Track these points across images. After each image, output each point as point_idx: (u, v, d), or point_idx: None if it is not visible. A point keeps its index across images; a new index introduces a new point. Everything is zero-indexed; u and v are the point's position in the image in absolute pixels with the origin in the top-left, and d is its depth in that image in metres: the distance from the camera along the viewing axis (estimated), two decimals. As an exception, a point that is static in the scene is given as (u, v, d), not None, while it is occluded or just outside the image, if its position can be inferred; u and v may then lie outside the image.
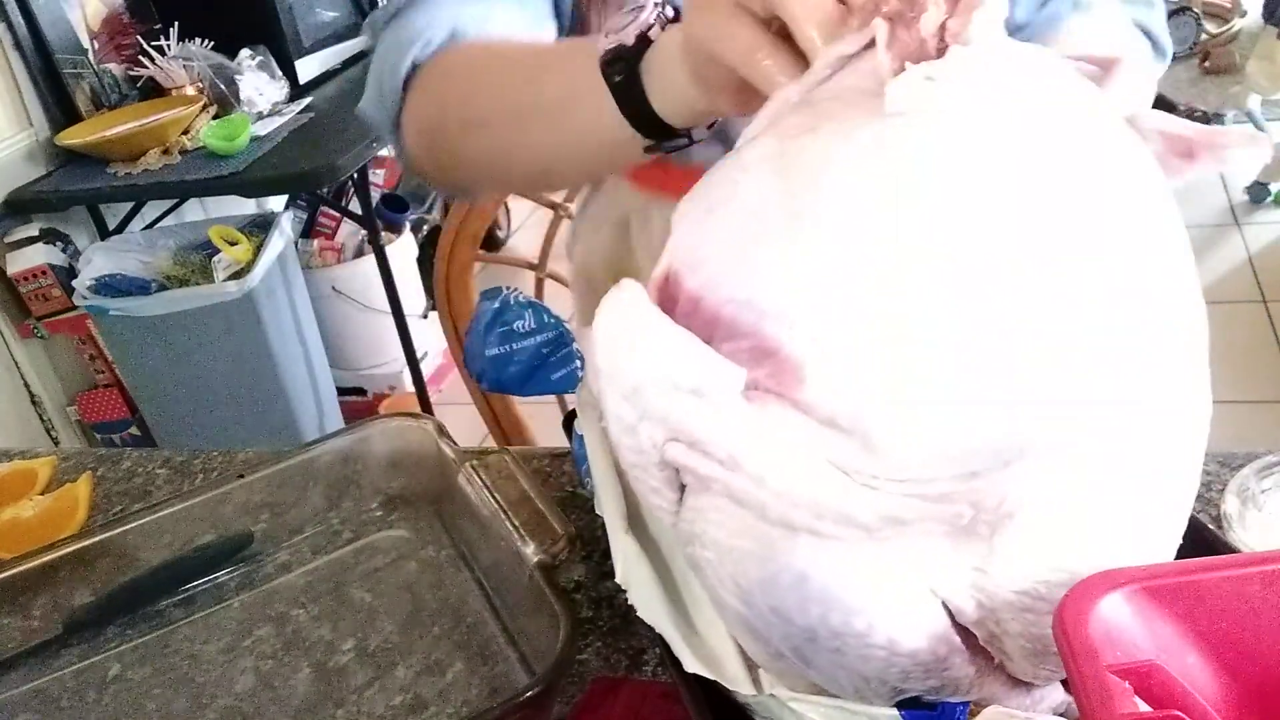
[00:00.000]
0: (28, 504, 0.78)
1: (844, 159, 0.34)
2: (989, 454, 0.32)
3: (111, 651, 0.65)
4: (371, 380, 2.49)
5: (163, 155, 1.94)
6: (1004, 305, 0.32)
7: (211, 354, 1.91)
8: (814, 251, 0.33)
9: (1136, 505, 0.35)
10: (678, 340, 0.34)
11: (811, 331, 0.33)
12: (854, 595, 0.34)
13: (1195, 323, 0.36)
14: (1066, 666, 0.31)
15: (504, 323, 0.68)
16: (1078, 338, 0.32)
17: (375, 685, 0.59)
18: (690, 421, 0.33)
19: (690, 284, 0.36)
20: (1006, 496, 0.33)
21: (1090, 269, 0.33)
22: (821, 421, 0.33)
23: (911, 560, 0.34)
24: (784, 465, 0.33)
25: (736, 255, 0.35)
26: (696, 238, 0.37)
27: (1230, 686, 0.32)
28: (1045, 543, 0.34)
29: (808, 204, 0.34)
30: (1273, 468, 0.55)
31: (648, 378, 0.34)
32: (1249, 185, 2.91)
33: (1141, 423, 0.34)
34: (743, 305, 0.34)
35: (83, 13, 2.09)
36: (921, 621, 0.36)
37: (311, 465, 0.71)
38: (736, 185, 0.37)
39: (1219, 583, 0.32)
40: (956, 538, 0.35)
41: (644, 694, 0.51)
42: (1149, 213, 0.36)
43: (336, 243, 2.39)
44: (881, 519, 0.32)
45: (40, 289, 1.92)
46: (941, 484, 0.33)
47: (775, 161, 0.36)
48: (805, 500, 0.32)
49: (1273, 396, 2.18)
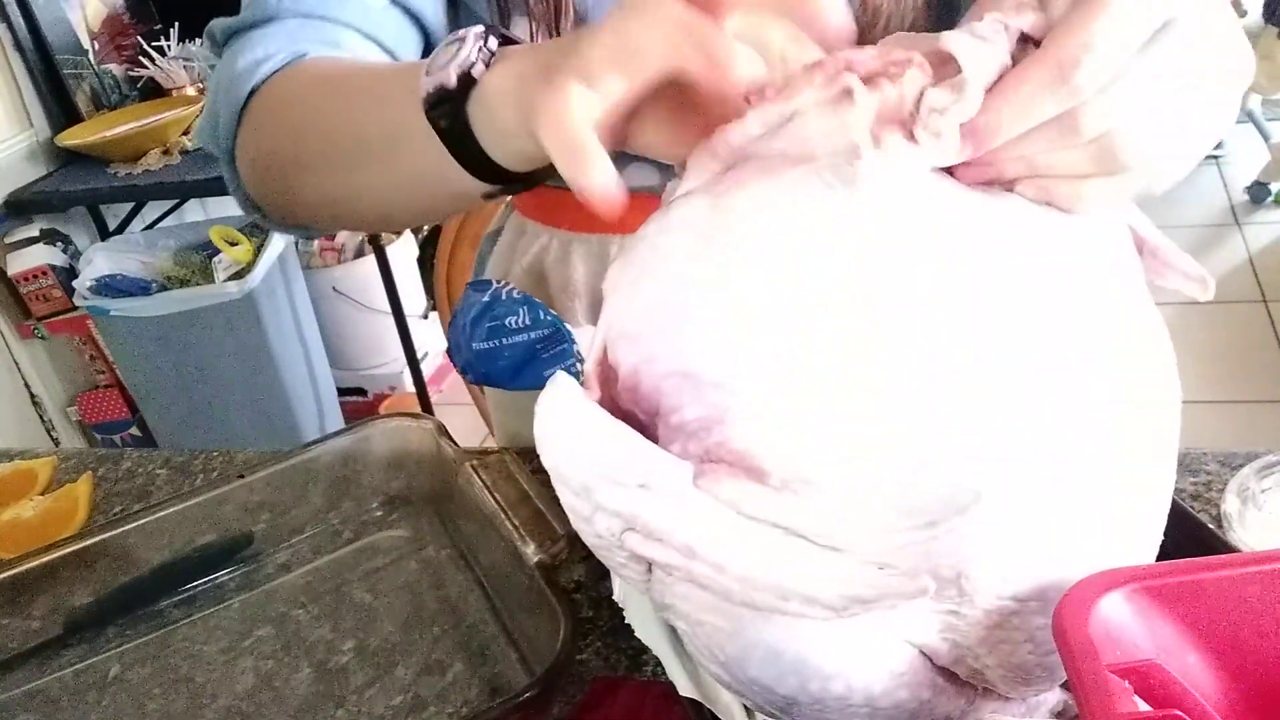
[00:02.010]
0: (28, 504, 0.78)
1: (778, 220, 0.33)
2: (943, 503, 0.32)
3: (112, 652, 0.65)
4: (372, 380, 2.49)
5: (163, 156, 1.95)
6: (944, 356, 0.32)
7: (212, 354, 1.91)
8: (746, 316, 0.33)
9: (1099, 524, 0.35)
10: (617, 436, 0.33)
11: (754, 397, 0.32)
12: (829, 662, 0.34)
13: (1137, 349, 0.36)
14: (1066, 666, 0.31)
15: (494, 317, 0.66)
16: (1019, 380, 0.32)
17: (375, 685, 0.59)
18: (643, 514, 0.32)
19: (627, 360, 0.35)
20: (966, 541, 0.33)
21: (1022, 318, 0.33)
22: (776, 488, 0.33)
23: (883, 615, 0.34)
24: (742, 550, 0.32)
25: (668, 326, 0.34)
26: (627, 309, 0.36)
27: (1230, 686, 0.32)
28: (1012, 577, 0.34)
29: (736, 266, 0.33)
30: (1273, 467, 0.55)
31: (593, 477, 0.33)
32: (1249, 185, 2.91)
33: (1094, 451, 0.34)
34: (682, 378, 0.33)
35: (83, 13, 2.09)
36: (899, 673, 0.35)
37: (312, 465, 0.71)
38: (659, 250, 0.35)
39: (1219, 582, 0.32)
40: (933, 613, 0.35)
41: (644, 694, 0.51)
42: (1079, 273, 0.35)
43: (337, 243, 2.40)
44: (846, 599, 0.31)
45: (41, 289, 1.92)
46: (901, 536, 0.32)
47: (702, 223, 0.35)
48: (768, 585, 0.32)
49: (1273, 396, 2.18)
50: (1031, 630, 0.35)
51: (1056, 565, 0.34)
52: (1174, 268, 0.38)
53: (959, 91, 0.32)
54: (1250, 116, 3.01)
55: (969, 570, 0.33)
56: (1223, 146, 3.16)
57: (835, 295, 0.32)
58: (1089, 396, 0.33)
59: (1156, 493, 0.38)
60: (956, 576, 0.33)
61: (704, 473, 0.34)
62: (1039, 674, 0.37)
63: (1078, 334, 0.33)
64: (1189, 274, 0.38)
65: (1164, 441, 0.37)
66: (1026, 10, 0.32)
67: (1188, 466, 0.63)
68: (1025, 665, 0.36)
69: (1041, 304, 0.33)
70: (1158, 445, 0.37)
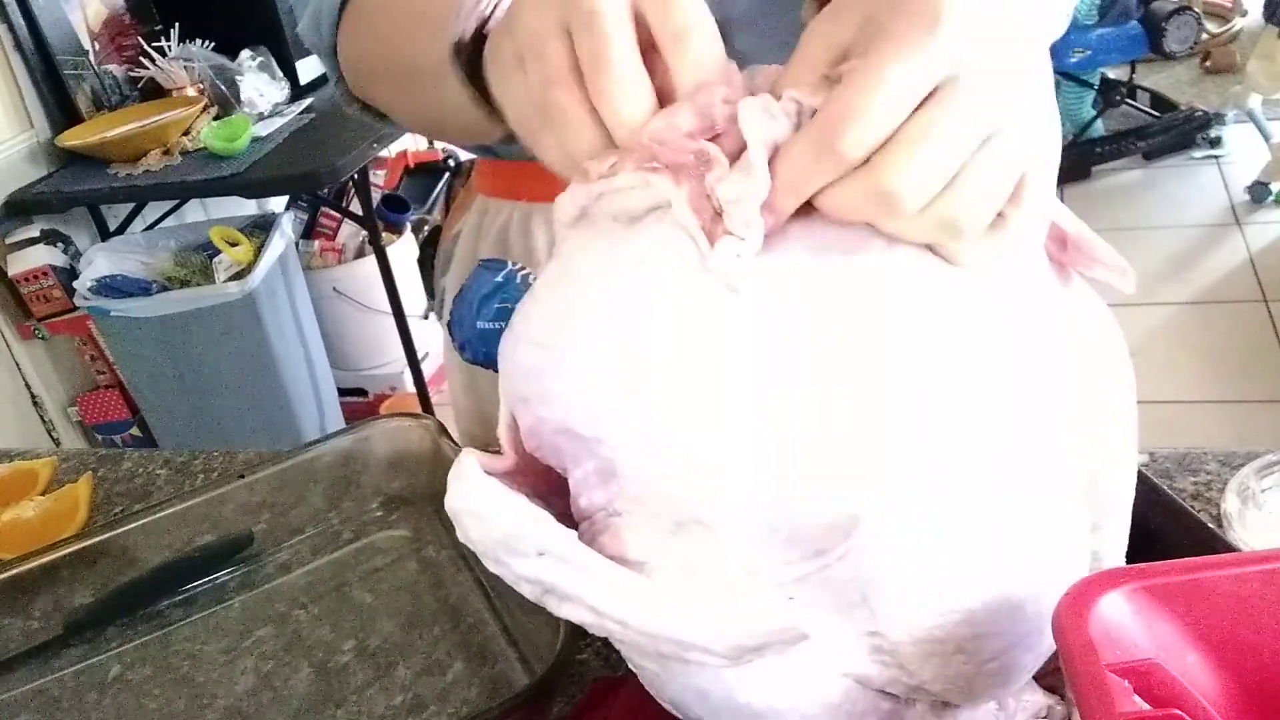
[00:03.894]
0: (28, 504, 0.78)
1: (618, 282, 0.34)
2: (824, 530, 0.33)
3: (112, 652, 0.65)
4: (372, 381, 2.49)
5: (163, 156, 1.95)
6: (808, 389, 0.32)
7: (212, 355, 1.91)
8: (605, 370, 0.34)
9: (1002, 538, 0.35)
10: (512, 508, 0.35)
11: (631, 447, 0.33)
12: (756, 698, 0.35)
13: (1027, 357, 0.35)
14: (1066, 666, 0.31)
15: (504, 299, 0.66)
16: (894, 403, 0.33)
17: (375, 685, 0.59)
18: (550, 579, 0.34)
19: (524, 421, 0.37)
20: (863, 565, 0.33)
21: (900, 339, 0.33)
22: (670, 530, 0.34)
23: (805, 647, 0.35)
24: (639, 606, 0.33)
25: (542, 388, 0.35)
26: (512, 373, 0.37)
27: (1230, 685, 0.32)
28: (920, 594, 0.34)
29: (584, 329, 0.34)
30: (1273, 467, 0.55)
31: (498, 548, 0.35)
32: (1250, 185, 2.91)
33: (983, 464, 0.34)
34: (569, 435, 0.35)
35: (83, 14, 2.09)
36: (834, 704, 0.36)
37: (312, 465, 0.71)
38: (527, 317, 0.37)
39: (1219, 581, 0.32)
40: (839, 612, 0.35)
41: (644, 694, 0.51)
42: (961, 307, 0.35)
43: (337, 243, 2.40)
44: (736, 649, 0.32)
45: (41, 290, 1.92)
46: (795, 568, 0.33)
47: (554, 286, 0.36)
48: (666, 637, 0.33)
49: (1273, 396, 2.18)
50: (960, 641, 0.35)
51: (965, 578, 0.34)
52: (1098, 260, 0.38)
53: (747, 175, 0.32)
54: (1250, 116, 3.01)
55: (871, 592, 0.34)
56: (1223, 146, 3.16)
57: (690, 339, 0.33)
58: (971, 411, 0.33)
59: (1061, 501, 0.37)
60: (863, 599, 0.34)
61: (606, 528, 0.35)
62: (985, 683, 0.37)
63: (958, 353, 0.33)
64: (1110, 265, 0.38)
65: (1054, 447, 0.36)
66: (824, 90, 0.32)
67: (1188, 466, 0.63)
68: (965, 675, 0.36)
69: (919, 323, 0.33)
70: (1055, 452, 0.36)
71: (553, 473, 0.38)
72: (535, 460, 0.38)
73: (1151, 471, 0.60)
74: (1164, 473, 0.62)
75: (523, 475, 0.38)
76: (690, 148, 0.34)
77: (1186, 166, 3.18)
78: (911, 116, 0.31)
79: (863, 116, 0.31)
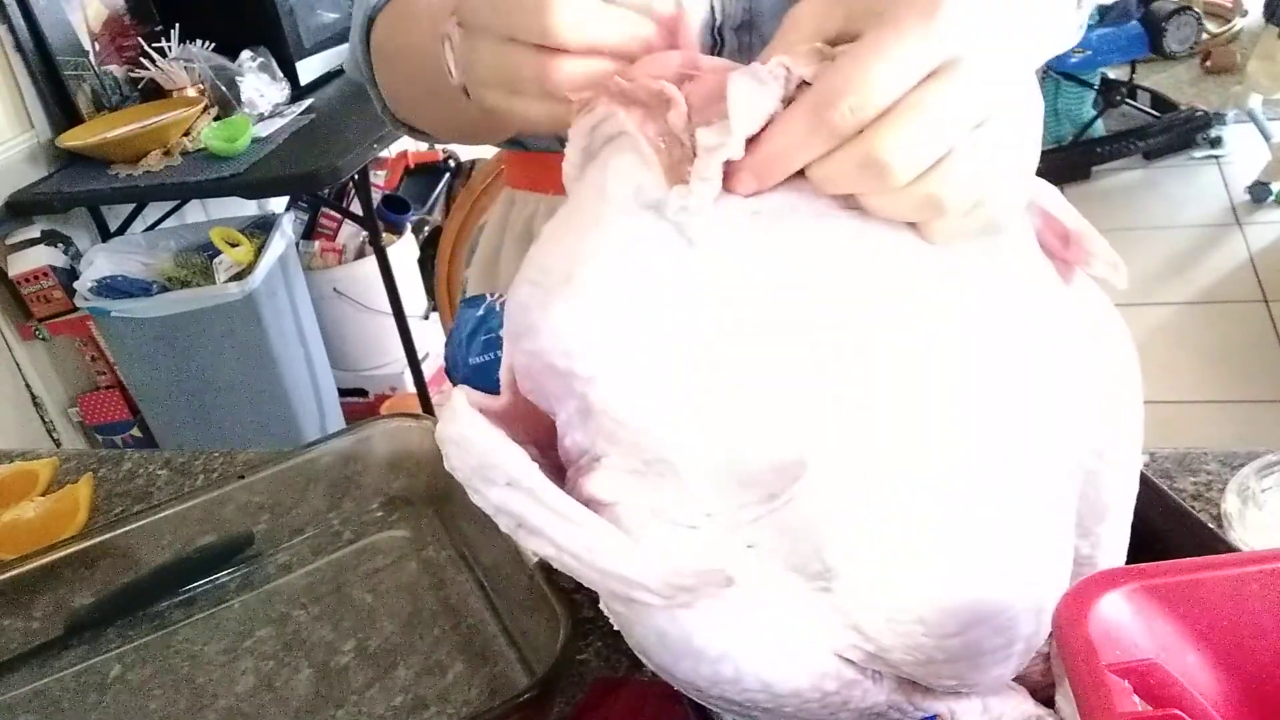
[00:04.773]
0: (29, 505, 0.78)
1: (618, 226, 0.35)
2: (775, 472, 0.34)
3: (112, 652, 0.65)
4: (373, 381, 2.49)
5: (164, 157, 1.95)
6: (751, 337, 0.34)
7: (213, 355, 1.91)
8: (576, 307, 0.35)
9: (954, 502, 0.35)
10: (489, 438, 0.36)
11: (601, 383, 0.35)
12: (712, 645, 0.36)
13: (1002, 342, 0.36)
14: (1066, 665, 0.31)
15: (488, 330, 0.67)
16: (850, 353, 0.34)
17: (376, 686, 0.59)
18: (519, 511, 0.36)
19: (518, 361, 0.38)
20: (815, 515, 0.34)
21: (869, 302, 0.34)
22: (639, 470, 0.35)
23: (761, 595, 0.36)
24: (590, 544, 0.35)
25: (532, 320, 0.36)
26: (514, 306, 0.38)
27: (1230, 685, 0.32)
28: (871, 548, 0.35)
29: (580, 265, 0.35)
30: (1273, 467, 0.55)
31: (474, 475, 0.36)
32: (1251, 185, 2.91)
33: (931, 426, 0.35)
34: (553, 372, 0.36)
35: (84, 14, 2.09)
36: (796, 662, 0.37)
37: (312, 466, 0.71)
38: (533, 251, 0.38)
39: (1219, 581, 0.32)
40: (795, 565, 0.36)
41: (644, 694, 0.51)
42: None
43: (338, 244, 2.39)
44: (671, 587, 0.34)
45: (42, 291, 1.92)
46: (749, 510, 0.35)
47: (554, 222, 0.38)
48: (613, 573, 0.34)
49: (1273, 396, 2.18)
50: (916, 610, 0.36)
51: (920, 539, 0.35)
52: (1096, 255, 0.38)
53: (725, 130, 0.33)
54: (1251, 116, 3.01)
55: (823, 543, 0.35)
56: (1223, 146, 3.16)
57: (644, 283, 0.34)
58: (929, 378, 0.34)
59: (1041, 491, 0.37)
60: (815, 550, 0.35)
61: (589, 470, 0.36)
62: (945, 659, 0.37)
63: (922, 323, 0.34)
64: (1104, 259, 0.38)
65: (1037, 435, 0.37)
66: (815, 60, 0.33)
67: (1188, 466, 0.63)
68: (923, 648, 0.36)
69: (882, 287, 0.34)
70: (1035, 438, 0.37)
71: (547, 421, 0.39)
72: (530, 405, 0.39)
73: (1151, 471, 0.60)
74: (1164, 473, 0.62)
75: (518, 419, 0.39)
76: (653, 87, 0.35)
77: (1187, 166, 3.18)
78: (908, 93, 0.32)
79: (860, 89, 0.32)
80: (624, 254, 0.35)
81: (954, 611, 0.35)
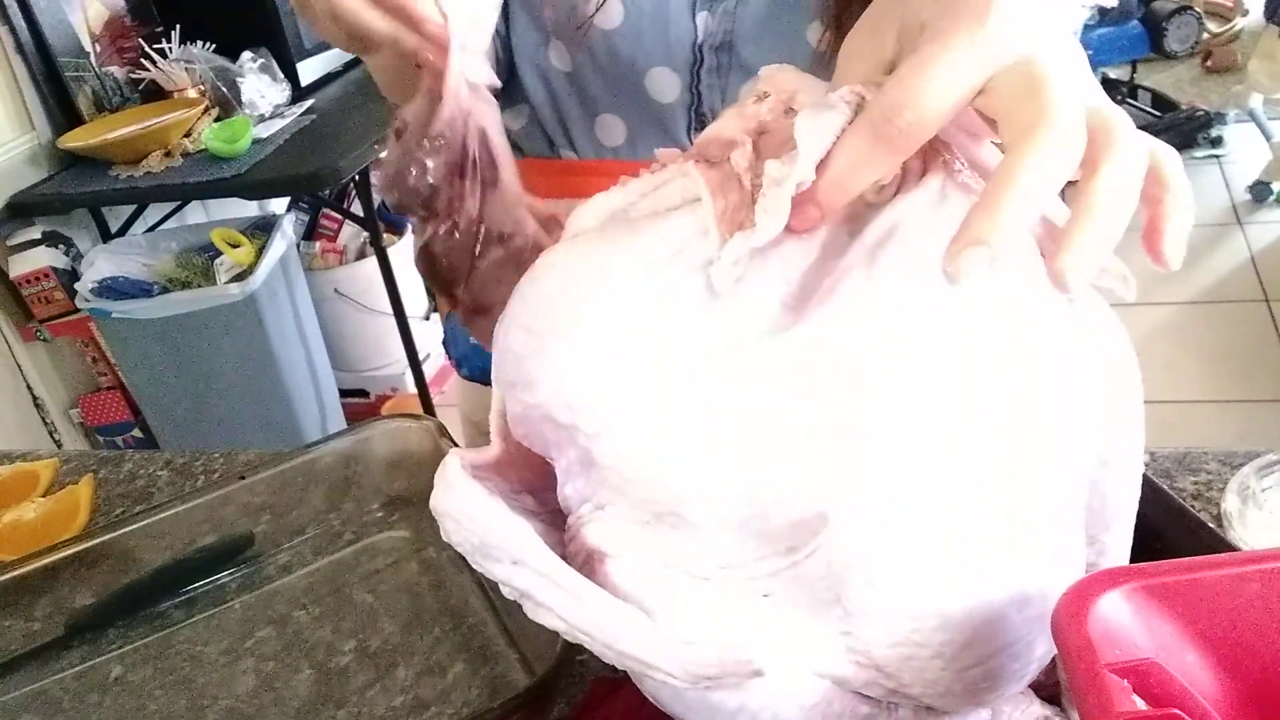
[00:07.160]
0: (29, 506, 0.78)
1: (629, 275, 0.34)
2: (794, 527, 0.33)
3: (113, 653, 0.65)
4: (373, 382, 2.49)
5: (165, 158, 1.95)
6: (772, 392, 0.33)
7: (214, 356, 1.91)
8: (585, 359, 0.34)
9: (975, 538, 0.35)
10: (492, 514, 0.35)
11: (608, 438, 0.34)
12: (730, 698, 0.35)
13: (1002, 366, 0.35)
14: (1065, 665, 0.31)
15: None
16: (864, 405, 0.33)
17: (376, 686, 0.59)
18: (524, 585, 0.35)
19: (513, 407, 0.37)
20: (834, 564, 0.33)
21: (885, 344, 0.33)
22: (648, 522, 0.34)
23: (776, 640, 0.35)
24: (604, 625, 0.34)
25: (530, 371, 0.35)
26: (506, 353, 0.37)
27: (1229, 685, 0.32)
28: (892, 595, 0.34)
29: (589, 310, 0.34)
30: (1273, 466, 0.55)
31: (477, 553, 0.35)
32: (1251, 184, 2.91)
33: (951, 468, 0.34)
34: (551, 423, 0.35)
35: (84, 16, 2.10)
36: (809, 705, 0.36)
37: (312, 466, 0.71)
38: (524, 293, 0.37)
39: (1219, 581, 0.32)
40: (814, 611, 0.35)
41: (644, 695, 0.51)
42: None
43: (338, 244, 2.40)
44: (694, 676, 0.33)
45: (43, 292, 1.92)
46: (768, 563, 0.34)
47: (552, 268, 0.37)
48: (630, 656, 0.33)
49: (1273, 396, 2.18)
50: (936, 646, 0.35)
51: (940, 583, 0.34)
52: (1105, 269, 0.38)
53: (792, 160, 0.33)
54: (1252, 115, 3.01)
55: (845, 591, 0.34)
56: (1224, 145, 3.16)
57: (666, 336, 0.33)
58: (951, 420, 0.34)
59: (1054, 510, 0.37)
60: (836, 598, 0.34)
61: (590, 521, 0.35)
62: (966, 689, 0.37)
63: (942, 360, 0.34)
64: (1112, 271, 0.38)
65: (1048, 456, 0.36)
66: (873, 90, 0.33)
67: (1188, 466, 0.63)
68: (943, 681, 0.36)
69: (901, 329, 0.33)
70: (1049, 461, 0.36)
71: (543, 464, 0.38)
72: (525, 450, 0.38)
73: (1152, 471, 0.60)
74: (1164, 473, 0.62)
75: (512, 466, 0.38)
76: (723, 141, 0.35)
77: (1188, 166, 3.16)
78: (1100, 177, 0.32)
79: (919, 101, 0.31)
80: (633, 303, 0.34)
81: (973, 645, 0.35)
